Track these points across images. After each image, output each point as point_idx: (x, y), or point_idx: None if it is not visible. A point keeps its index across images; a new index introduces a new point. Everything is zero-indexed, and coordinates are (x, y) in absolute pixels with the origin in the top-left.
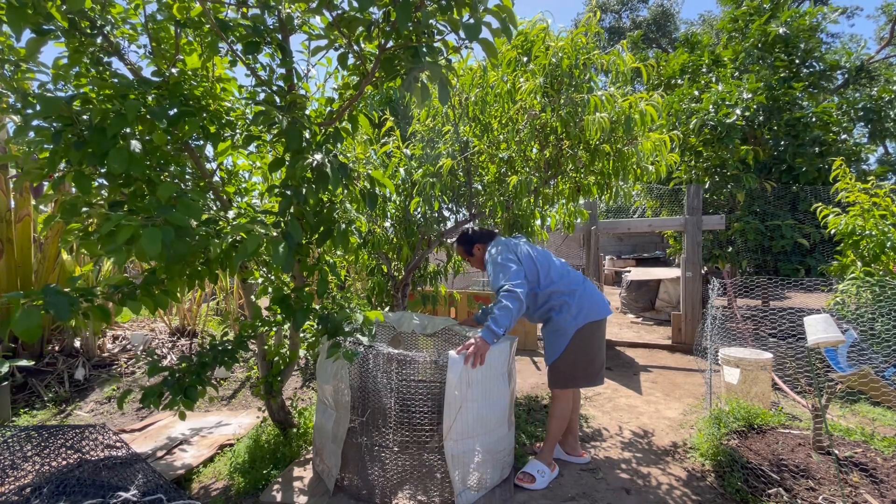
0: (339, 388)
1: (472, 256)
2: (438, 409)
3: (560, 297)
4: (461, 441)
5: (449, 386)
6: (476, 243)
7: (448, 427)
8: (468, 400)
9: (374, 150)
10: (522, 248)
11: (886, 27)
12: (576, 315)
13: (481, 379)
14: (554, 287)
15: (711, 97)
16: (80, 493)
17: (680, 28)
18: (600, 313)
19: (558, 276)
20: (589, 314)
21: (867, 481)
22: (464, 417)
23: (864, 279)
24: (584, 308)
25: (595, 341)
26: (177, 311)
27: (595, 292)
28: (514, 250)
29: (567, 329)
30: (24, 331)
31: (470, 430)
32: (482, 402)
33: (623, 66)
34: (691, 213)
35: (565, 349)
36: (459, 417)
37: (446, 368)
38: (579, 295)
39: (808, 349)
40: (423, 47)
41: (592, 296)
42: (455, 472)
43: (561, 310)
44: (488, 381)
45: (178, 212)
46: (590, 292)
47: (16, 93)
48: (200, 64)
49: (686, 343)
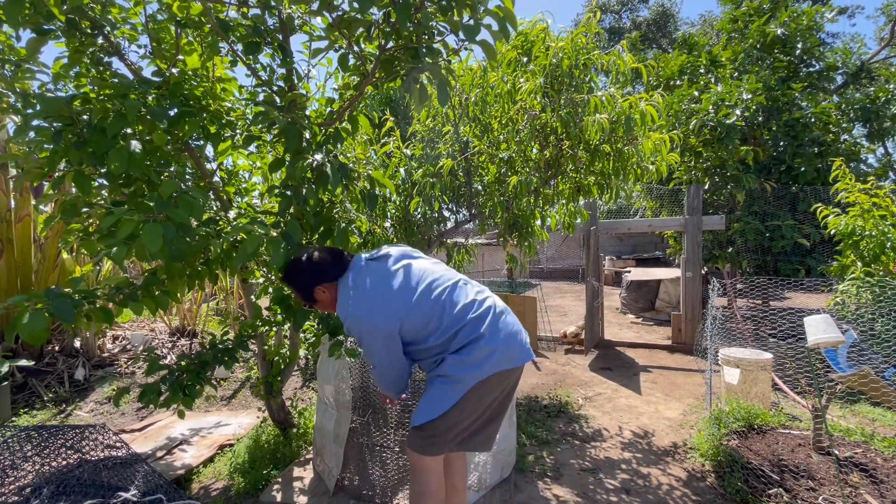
0: (340, 388)
1: (317, 303)
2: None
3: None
4: None
5: None
6: (315, 286)
7: None
8: None
9: (374, 150)
10: (377, 291)
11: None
12: (477, 362)
13: None
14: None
15: (711, 98)
16: (80, 493)
17: (680, 28)
18: (497, 363)
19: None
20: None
21: (867, 481)
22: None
23: (864, 279)
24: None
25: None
26: (177, 312)
27: (494, 330)
28: (379, 317)
29: (462, 379)
30: (30, 335)
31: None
32: None
33: (623, 66)
34: (691, 213)
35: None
36: None
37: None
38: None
39: (808, 349)
40: (423, 48)
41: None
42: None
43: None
44: None
45: (180, 209)
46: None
47: (16, 93)
48: (201, 64)
49: (686, 343)
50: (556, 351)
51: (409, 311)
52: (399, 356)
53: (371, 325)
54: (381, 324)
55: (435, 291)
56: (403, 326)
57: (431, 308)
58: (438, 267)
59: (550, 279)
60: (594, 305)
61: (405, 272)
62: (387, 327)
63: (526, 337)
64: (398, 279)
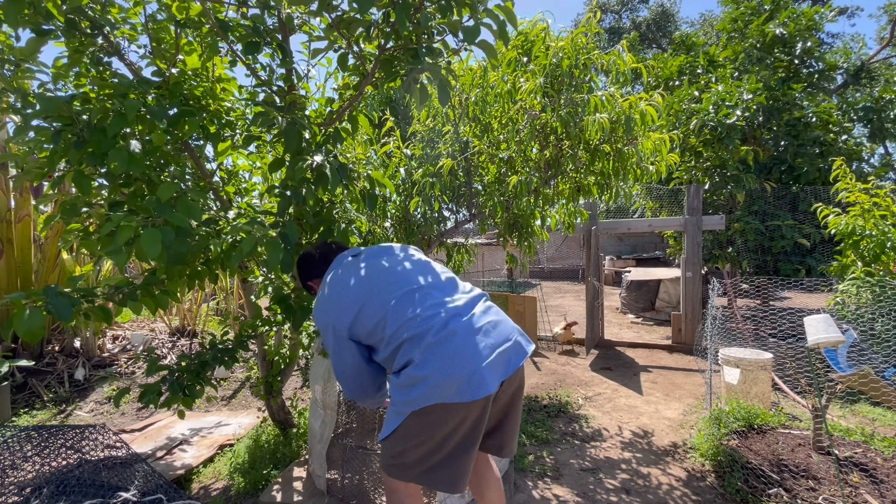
0: (328, 389)
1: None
2: None
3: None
4: None
5: None
6: (306, 280)
7: None
8: None
9: (374, 150)
10: (344, 300)
11: (887, 27)
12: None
13: None
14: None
15: (711, 98)
16: (80, 493)
17: (680, 28)
18: (466, 389)
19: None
20: (439, 390)
21: (867, 481)
22: None
23: (864, 279)
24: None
25: (446, 428)
26: (177, 311)
27: (466, 345)
28: (331, 315)
29: (398, 404)
30: (26, 332)
31: None
32: None
33: (623, 66)
34: (691, 213)
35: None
36: None
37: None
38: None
39: (808, 349)
40: (423, 48)
41: (458, 348)
42: None
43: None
44: None
45: (179, 212)
46: (454, 343)
47: (16, 93)
48: (200, 64)
49: (686, 343)
50: (556, 351)
51: (360, 311)
52: (353, 358)
53: (324, 322)
54: (332, 320)
55: (386, 296)
56: (355, 328)
57: (378, 314)
58: (415, 267)
59: (550, 279)
60: (594, 305)
61: (368, 269)
62: (336, 325)
63: (508, 341)
64: (357, 277)
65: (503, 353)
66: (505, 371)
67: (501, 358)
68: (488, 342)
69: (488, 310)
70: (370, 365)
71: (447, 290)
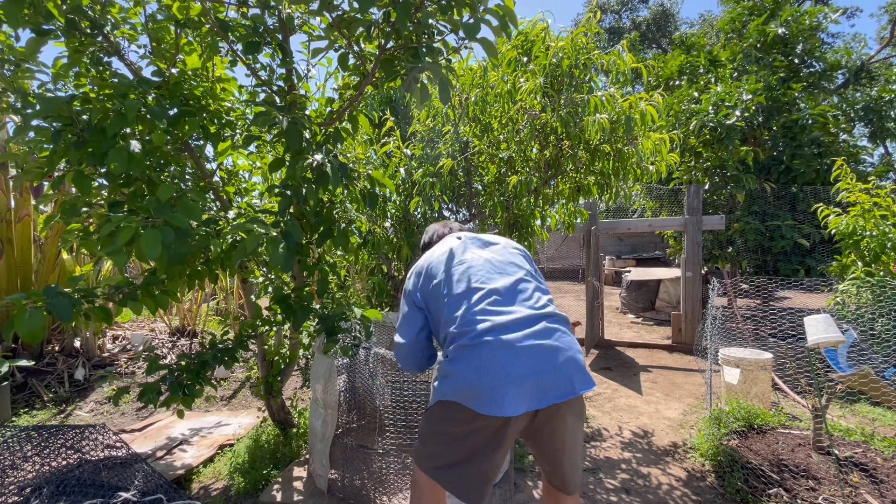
0: (328, 388)
1: None
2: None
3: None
4: None
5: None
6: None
7: None
8: None
9: (374, 150)
10: (431, 269)
11: (887, 27)
12: (447, 379)
13: None
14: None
15: (711, 98)
16: (80, 493)
17: (680, 28)
18: (489, 403)
19: (456, 324)
20: (460, 390)
21: (867, 481)
22: None
23: (864, 279)
24: (458, 377)
25: (455, 431)
26: (177, 311)
27: (500, 363)
28: (411, 280)
29: (436, 388)
30: (27, 333)
31: None
32: None
33: (623, 66)
34: (691, 213)
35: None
36: None
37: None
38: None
39: (808, 349)
40: (423, 48)
41: (490, 364)
42: None
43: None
44: None
45: (178, 213)
46: (489, 358)
47: (16, 93)
48: (200, 64)
49: (686, 343)
50: None
51: (432, 289)
52: (414, 325)
53: (407, 286)
54: (410, 286)
55: (454, 286)
56: (426, 300)
57: (442, 300)
58: (493, 268)
59: (550, 279)
60: (594, 305)
61: (457, 251)
62: (411, 290)
63: (555, 368)
64: (444, 255)
65: (538, 384)
66: (536, 402)
67: (535, 387)
68: (525, 366)
69: (547, 333)
70: (425, 338)
71: (509, 301)
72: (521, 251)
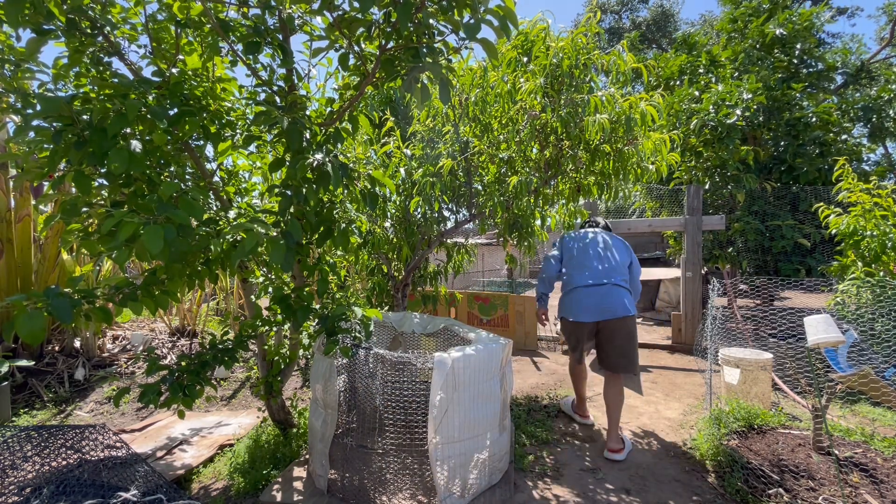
0: (328, 388)
1: None
2: (427, 412)
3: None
4: (447, 445)
5: (434, 389)
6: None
7: (433, 430)
8: (455, 403)
9: (374, 150)
10: (569, 243)
11: (887, 27)
12: (564, 303)
13: (470, 382)
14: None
15: (711, 98)
16: (80, 493)
17: (680, 28)
18: (575, 316)
19: (570, 272)
20: (569, 311)
21: (867, 481)
22: (450, 421)
23: (864, 279)
24: (566, 304)
25: (572, 333)
26: (177, 311)
27: (581, 299)
28: (562, 245)
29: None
30: (28, 334)
31: (456, 434)
32: (471, 405)
33: (623, 66)
34: (691, 213)
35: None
36: (445, 421)
37: (433, 370)
38: (569, 294)
39: (808, 349)
40: (424, 48)
41: (577, 300)
42: (440, 476)
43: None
44: (478, 384)
45: (180, 210)
46: (577, 297)
47: (16, 93)
48: (201, 64)
49: (686, 343)
50: (556, 351)
51: (566, 257)
52: (553, 265)
53: (556, 246)
54: (557, 244)
55: (575, 259)
56: (564, 259)
57: (569, 265)
58: (594, 254)
59: None
60: None
61: (582, 243)
62: (555, 252)
63: (608, 304)
64: (587, 237)
65: (597, 309)
66: (596, 316)
67: (596, 310)
68: (592, 301)
69: (608, 290)
70: (554, 275)
71: (596, 275)
72: (608, 240)
